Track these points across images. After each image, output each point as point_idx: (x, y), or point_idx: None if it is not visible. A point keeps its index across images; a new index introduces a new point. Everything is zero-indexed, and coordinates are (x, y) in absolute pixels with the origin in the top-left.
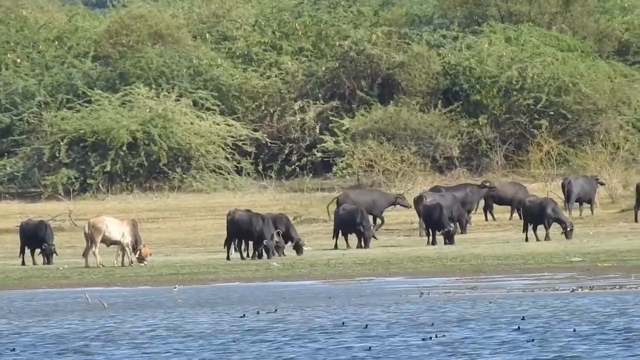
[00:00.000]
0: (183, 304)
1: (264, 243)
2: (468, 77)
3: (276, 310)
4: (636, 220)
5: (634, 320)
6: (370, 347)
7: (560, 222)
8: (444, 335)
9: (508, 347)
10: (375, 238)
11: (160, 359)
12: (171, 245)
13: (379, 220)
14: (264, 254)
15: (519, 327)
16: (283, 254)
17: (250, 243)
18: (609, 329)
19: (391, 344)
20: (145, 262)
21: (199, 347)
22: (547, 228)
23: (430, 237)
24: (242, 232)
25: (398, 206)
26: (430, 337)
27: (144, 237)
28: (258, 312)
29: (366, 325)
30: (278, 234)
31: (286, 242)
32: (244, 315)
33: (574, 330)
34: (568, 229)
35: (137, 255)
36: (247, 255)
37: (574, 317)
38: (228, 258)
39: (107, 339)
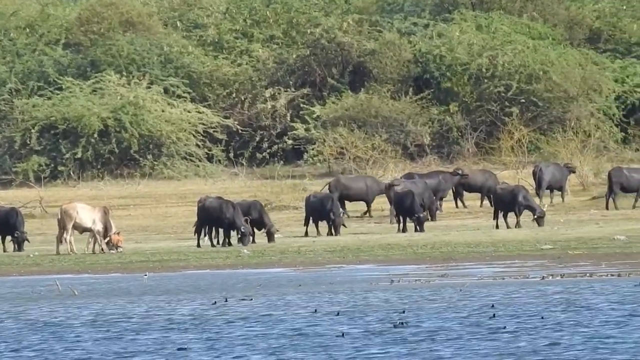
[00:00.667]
0: (151, 291)
1: (242, 230)
2: (439, 64)
3: (251, 298)
4: (607, 208)
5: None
6: (343, 334)
7: (531, 209)
8: (412, 323)
9: (479, 334)
10: (345, 226)
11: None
12: (142, 233)
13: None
14: (240, 241)
15: (494, 315)
16: (253, 241)
17: (221, 230)
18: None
19: (363, 330)
20: (120, 249)
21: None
22: (517, 215)
23: (401, 225)
24: (213, 219)
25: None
26: (402, 324)
27: (115, 224)
28: (226, 300)
29: (338, 313)
30: (246, 221)
31: (259, 229)
32: (215, 302)
33: (542, 318)
34: (538, 216)
35: (106, 241)
36: (218, 243)
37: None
38: (198, 245)
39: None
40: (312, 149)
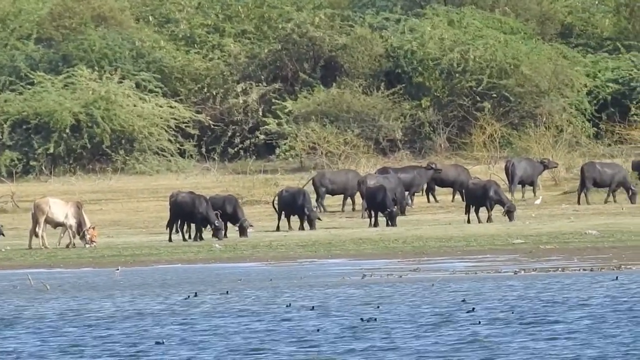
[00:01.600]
0: (122, 285)
1: (215, 224)
2: (410, 59)
3: (228, 292)
4: (579, 203)
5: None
6: (318, 329)
7: (502, 203)
8: (380, 318)
9: (449, 327)
10: (319, 219)
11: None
12: (114, 227)
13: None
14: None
15: (473, 309)
16: (225, 235)
17: (193, 225)
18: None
19: (338, 323)
20: (94, 244)
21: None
22: (489, 210)
23: (373, 219)
24: (186, 214)
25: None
26: (375, 319)
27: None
28: (196, 295)
29: (312, 307)
30: (217, 215)
31: (233, 224)
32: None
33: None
34: (507, 209)
35: (80, 236)
36: (189, 237)
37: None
38: (170, 240)
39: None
40: (284, 144)
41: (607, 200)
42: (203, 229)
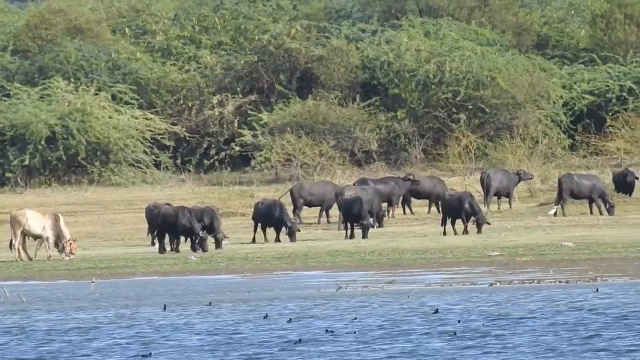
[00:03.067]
0: (99, 297)
1: (200, 235)
2: (387, 71)
3: (210, 303)
4: (555, 215)
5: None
6: (300, 340)
7: (475, 214)
8: (354, 331)
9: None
10: (299, 231)
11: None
12: (89, 239)
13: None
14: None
15: (455, 332)
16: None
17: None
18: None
19: (317, 335)
20: (73, 256)
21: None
22: (464, 222)
23: (349, 231)
24: (168, 226)
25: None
26: (355, 332)
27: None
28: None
29: (290, 319)
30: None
31: (209, 235)
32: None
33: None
34: (476, 220)
35: (59, 249)
36: (172, 249)
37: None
38: (164, 250)
39: None
40: (260, 156)
41: (592, 212)
42: (181, 240)
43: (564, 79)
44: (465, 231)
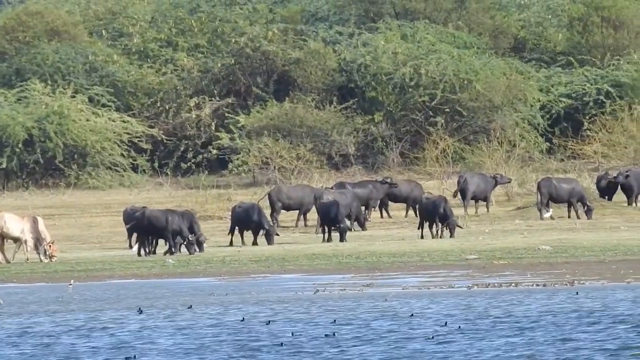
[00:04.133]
0: (77, 300)
1: (189, 238)
2: (363, 74)
3: (191, 306)
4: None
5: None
6: (282, 343)
7: (446, 218)
8: (334, 334)
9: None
10: (277, 234)
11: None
12: (67, 242)
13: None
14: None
15: (432, 337)
16: (179, 250)
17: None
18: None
19: (298, 339)
20: (55, 259)
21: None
22: (438, 226)
23: (326, 235)
24: (157, 229)
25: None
26: (334, 334)
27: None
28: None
29: (268, 322)
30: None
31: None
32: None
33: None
34: (447, 224)
35: (40, 252)
36: (151, 252)
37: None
38: (147, 253)
39: None
40: (237, 159)
41: (570, 216)
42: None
43: (541, 82)
44: (441, 235)
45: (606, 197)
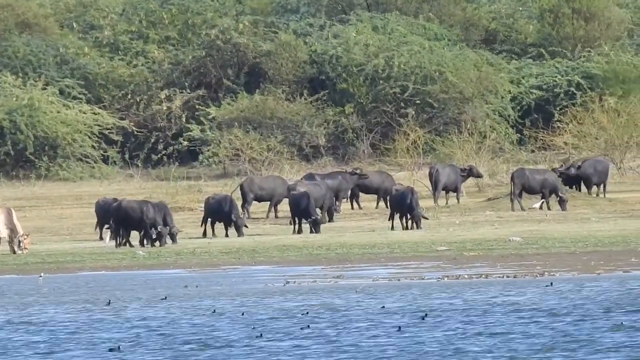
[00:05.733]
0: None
1: (158, 229)
2: (334, 65)
3: (165, 297)
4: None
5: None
6: (261, 334)
7: (412, 210)
8: (308, 326)
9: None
10: (246, 226)
11: None
12: (37, 234)
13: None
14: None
15: (400, 327)
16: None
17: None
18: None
19: (273, 331)
20: (26, 251)
21: None
22: (409, 217)
23: (296, 226)
24: (132, 220)
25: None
26: (309, 326)
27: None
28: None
29: (243, 313)
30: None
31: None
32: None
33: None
34: (413, 215)
35: (15, 243)
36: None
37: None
38: (117, 245)
39: None
40: (208, 150)
41: (542, 207)
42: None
43: (512, 73)
44: (407, 227)
45: (574, 187)
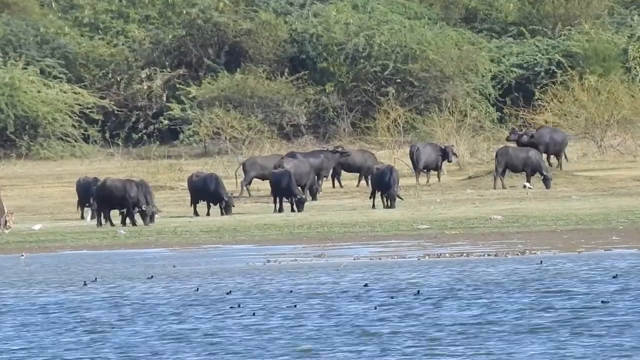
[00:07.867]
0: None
1: (142, 208)
2: (315, 44)
3: (152, 277)
4: (495, 187)
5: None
6: (254, 313)
7: (388, 188)
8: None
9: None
10: (233, 205)
11: None
12: (18, 213)
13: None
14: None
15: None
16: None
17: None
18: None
19: (259, 309)
20: (10, 229)
21: None
22: (385, 195)
23: (277, 205)
24: (116, 199)
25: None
26: (295, 305)
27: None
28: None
29: (229, 291)
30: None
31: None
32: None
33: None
34: (387, 194)
35: (4, 225)
36: (99, 223)
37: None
38: (100, 224)
39: None
40: (188, 129)
41: (530, 186)
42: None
43: (493, 52)
44: (387, 205)
45: None
